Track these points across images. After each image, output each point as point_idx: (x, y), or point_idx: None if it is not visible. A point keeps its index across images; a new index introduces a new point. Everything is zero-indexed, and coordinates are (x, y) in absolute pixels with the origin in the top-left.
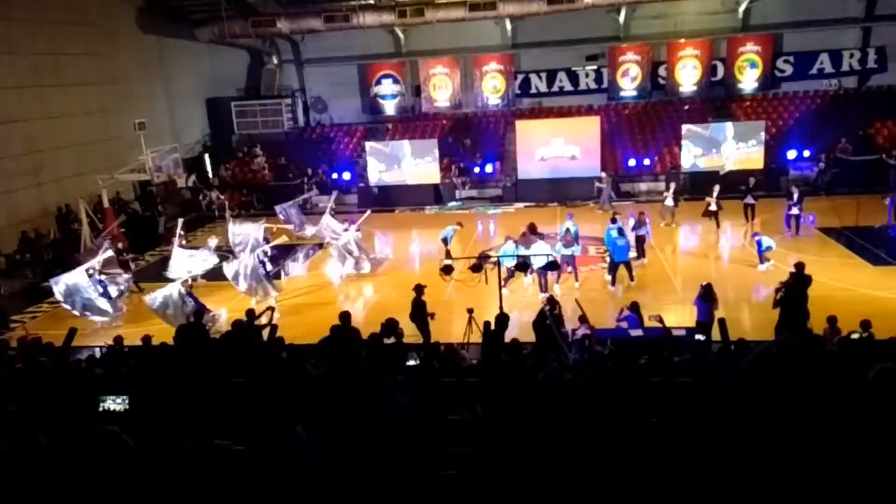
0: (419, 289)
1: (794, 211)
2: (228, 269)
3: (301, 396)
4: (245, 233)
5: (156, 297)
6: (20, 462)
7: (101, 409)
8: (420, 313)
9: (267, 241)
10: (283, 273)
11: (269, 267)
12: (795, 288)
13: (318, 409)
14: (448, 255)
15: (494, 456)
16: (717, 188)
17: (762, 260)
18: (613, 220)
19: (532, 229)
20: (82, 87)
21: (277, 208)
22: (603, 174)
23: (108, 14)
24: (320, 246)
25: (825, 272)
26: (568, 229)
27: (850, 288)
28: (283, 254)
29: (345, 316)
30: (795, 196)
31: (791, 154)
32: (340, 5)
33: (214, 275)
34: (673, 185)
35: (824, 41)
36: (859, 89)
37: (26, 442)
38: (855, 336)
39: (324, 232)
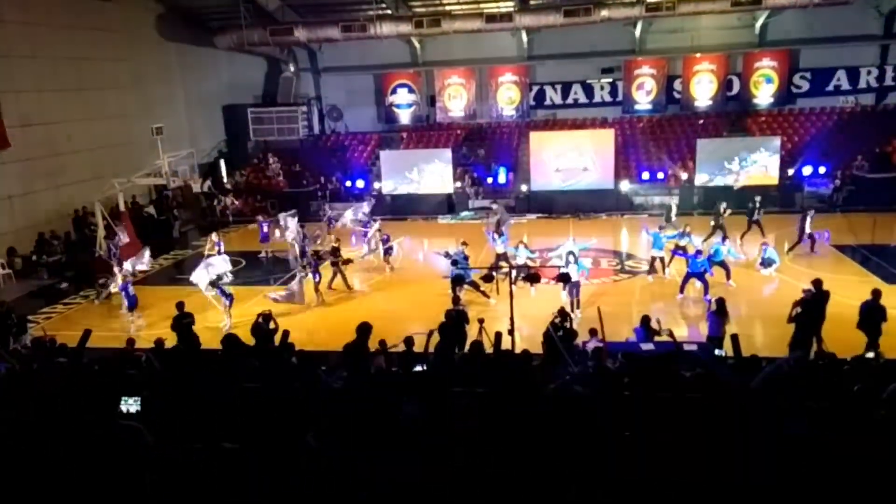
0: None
1: (808, 229)
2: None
3: (312, 404)
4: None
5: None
6: (34, 462)
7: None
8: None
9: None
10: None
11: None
12: (813, 305)
13: (329, 418)
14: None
15: (500, 466)
16: (723, 205)
17: (764, 265)
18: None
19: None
20: (101, 91)
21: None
22: (494, 205)
23: (128, 20)
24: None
25: (839, 290)
26: (571, 251)
27: None
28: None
29: (364, 328)
30: (809, 219)
31: (806, 170)
32: (358, 15)
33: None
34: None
35: (842, 58)
36: (876, 107)
37: (39, 444)
38: (870, 356)
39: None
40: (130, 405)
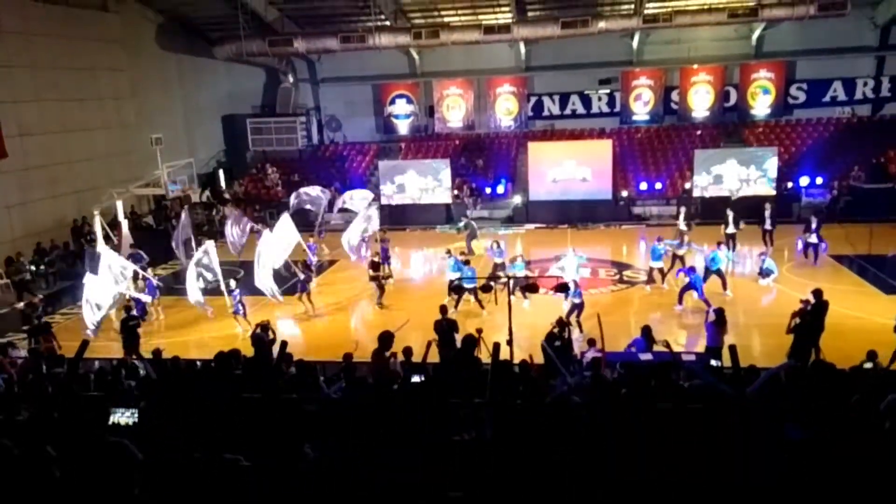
0: (444, 309)
1: (812, 239)
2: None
3: (311, 414)
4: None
5: None
6: (29, 472)
7: (109, 422)
8: (448, 333)
9: None
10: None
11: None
12: (812, 315)
13: (328, 428)
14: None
15: (500, 477)
16: (730, 214)
17: (763, 275)
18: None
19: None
20: (101, 101)
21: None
22: (464, 218)
23: (128, 31)
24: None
25: (837, 300)
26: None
27: (862, 316)
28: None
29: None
30: (814, 224)
31: (804, 181)
32: (357, 26)
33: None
34: (684, 209)
35: (838, 69)
36: (873, 117)
37: (36, 452)
38: (868, 366)
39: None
40: (125, 417)
